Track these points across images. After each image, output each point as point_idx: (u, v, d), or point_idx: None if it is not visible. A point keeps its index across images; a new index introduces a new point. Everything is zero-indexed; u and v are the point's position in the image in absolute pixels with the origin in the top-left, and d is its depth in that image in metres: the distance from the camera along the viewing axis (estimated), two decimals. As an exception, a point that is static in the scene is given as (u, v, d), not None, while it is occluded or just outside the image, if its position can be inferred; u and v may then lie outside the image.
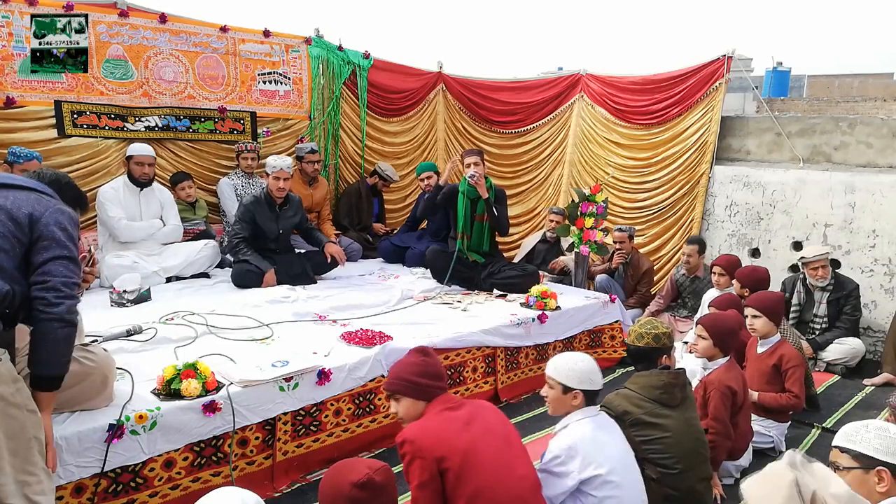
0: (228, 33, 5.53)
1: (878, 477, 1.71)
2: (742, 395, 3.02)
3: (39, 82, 4.65)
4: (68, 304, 2.04)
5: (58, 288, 2.03)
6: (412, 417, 2.21)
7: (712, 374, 3.02)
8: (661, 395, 2.59)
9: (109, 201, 4.59)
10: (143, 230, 4.73)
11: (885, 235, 4.95)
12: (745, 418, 3.10)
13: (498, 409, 2.34)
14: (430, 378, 2.20)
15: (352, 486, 1.65)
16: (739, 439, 3.03)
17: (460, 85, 7.00)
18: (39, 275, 2.03)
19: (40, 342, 2.02)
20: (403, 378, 2.21)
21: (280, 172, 4.73)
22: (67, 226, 2.11)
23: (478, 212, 4.85)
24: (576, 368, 2.37)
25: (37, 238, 2.04)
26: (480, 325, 3.97)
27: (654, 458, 2.52)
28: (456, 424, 2.10)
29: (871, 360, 4.83)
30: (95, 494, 2.41)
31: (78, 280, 2.13)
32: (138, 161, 4.67)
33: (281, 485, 2.93)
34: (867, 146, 5.23)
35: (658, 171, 5.92)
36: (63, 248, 2.06)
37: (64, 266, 2.06)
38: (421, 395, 2.19)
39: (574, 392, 2.36)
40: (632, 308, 5.55)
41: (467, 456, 2.02)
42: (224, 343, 3.42)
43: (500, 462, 2.07)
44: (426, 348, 2.32)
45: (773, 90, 16.76)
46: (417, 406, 2.20)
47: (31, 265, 2.05)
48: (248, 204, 4.77)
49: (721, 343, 3.05)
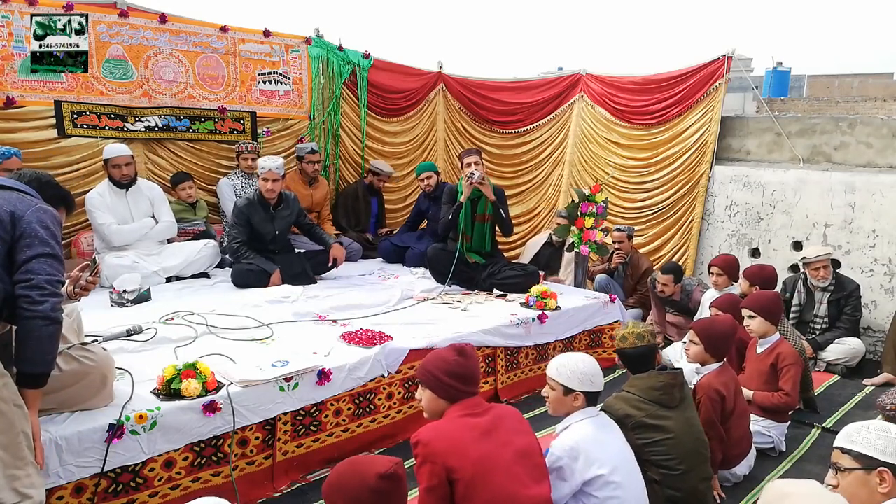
0: (228, 33, 5.53)
1: (879, 478, 1.71)
2: (732, 400, 2.96)
3: (39, 82, 4.65)
4: (52, 301, 2.05)
5: (41, 286, 2.03)
6: (433, 413, 2.18)
7: (703, 379, 3.01)
8: (661, 396, 2.58)
9: (97, 208, 4.53)
10: (135, 232, 4.69)
11: (885, 235, 4.95)
12: (738, 425, 3.01)
13: (523, 418, 2.28)
14: (457, 379, 2.14)
15: (378, 478, 1.64)
16: (732, 446, 2.96)
17: (460, 85, 7.00)
18: (23, 273, 2.03)
19: (25, 340, 2.03)
20: (431, 371, 2.17)
21: (268, 173, 4.67)
22: (49, 224, 2.11)
23: (478, 212, 4.84)
24: (577, 370, 2.36)
25: (19, 236, 2.04)
26: (480, 325, 3.96)
27: (657, 460, 2.52)
28: (473, 433, 2.05)
29: (871, 360, 4.83)
30: (95, 494, 2.41)
31: (62, 277, 2.13)
32: (115, 163, 4.58)
33: (281, 485, 2.93)
34: (867, 146, 5.23)
35: (658, 171, 5.92)
36: (46, 245, 2.07)
37: (47, 264, 2.06)
38: (444, 393, 2.15)
39: (575, 394, 2.35)
40: (632, 308, 5.55)
41: (479, 468, 1.98)
42: (224, 343, 3.42)
43: (512, 478, 2.03)
44: (465, 347, 2.23)
45: (773, 90, 16.76)
46: (439, 404, 2.16)
47: (14, 263, 2.05)
48: (242, 206, 4.73)
49: (713, 349, 3.02)
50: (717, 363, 3.04)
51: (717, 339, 3.02)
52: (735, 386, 3.05)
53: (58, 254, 2.11)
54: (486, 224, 4.87)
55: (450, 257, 4.82)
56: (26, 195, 2.16)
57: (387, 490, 1.66)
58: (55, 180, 2.44)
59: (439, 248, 4.99)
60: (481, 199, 4.81)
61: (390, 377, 3.40)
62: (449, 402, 2.15)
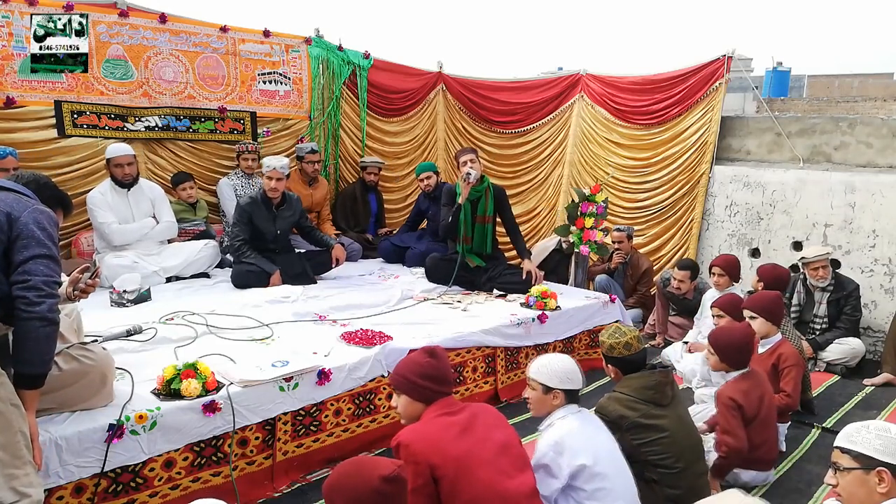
0: (228, 33, 5.53)
1: (878, 477, 1.71)
2: (754, 407, 2.90)
3: (39, 82, 4.65)
4: (49, 302, 2.05)
5: (39, 287, 2.03)
6: (409, 417, 2.21)
7: (722, 387, 3.00)
8: (654, 395, 2.59)
9: (98, 207, 4.55)
10: (136, 231, 4.70)
11: (885, 235, 4.95)
12: (758, 433, 2.92)
13: (499, 412, 2.34)
14: (431, 381, 2.18)
15: (381, 480, 1.64)
16: (752, 450, 2.89)
17: (460, 85, 7.00)
18: (20, 274, 2.03)
19: (22, 341, 2.03)
20: (404, 375, 2.21)
21: (273, 172, 4.68)
22: (46, 225, 2.11)
23: (479, 213, 4.82)
24: (556, 369, 2.41)
25: (16, 237, 2.04)
26: (480, 325, 3.96)
27: (654, 460, 2.53)
28: (452, 431, 2.09)
29: (871, 360, 4.83)
30: (95, 494, 2.41)
31: (59, 279, 2.13)
32: (117, 163, 4.60)
33: (281, 485, 2.93)
34: (867, 146, 5.23)
35: (658, 171, 5.93)
36: (42, 246, 2.07)
37: (44, 265, 2.06)
38: (419, 396, 2.19)
39: (555, 392, 2.39)
40: (632, 308, 5.55)
41: (461, 465, 2.01)
42: (224, 343, 3.42)
43: (495, 471, 2.06)
44: (436, 349, 2.28)
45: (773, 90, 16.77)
46: (415, 407, 2.20)
47: (11, 264, 2.06)
48: (245, 205, 4.74)
49: (727, 358, 3.00)
50: (738, 371, 3.00)
51: (728, 349, 2.99)
52: (760, 393, 2.96)
53: (54, 255, 2.12)
54: (486, 225, 4.83)
55: (449, 265, 4.82)
56: (23, 196, 2.16)
57: (389, 493, 1.65)
58: (53, 182, 2.44)
59: (438, 258, 4.95)
60: (481, 201, 4.79)
61: (390, 377, 3.40)
62: (425, 403, 2.18)
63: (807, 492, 2.99)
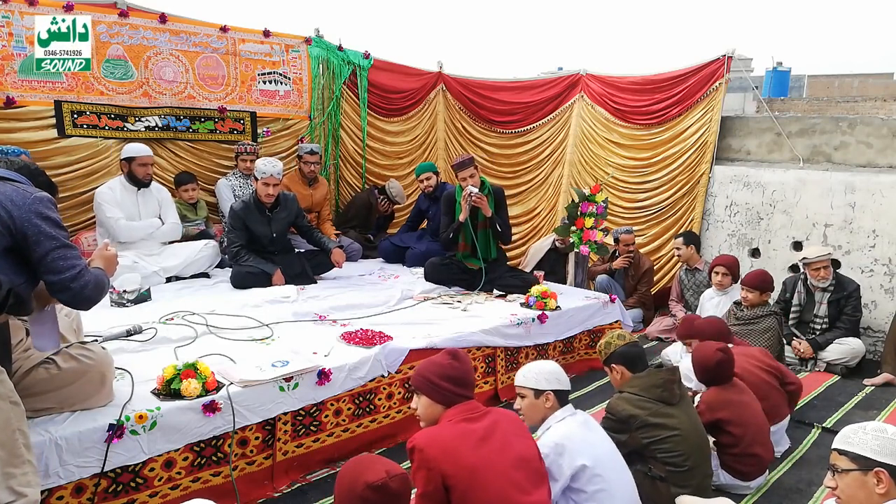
0: (228, 33, 5.53)
1: (876, 478, 1.71)
2: (728, 422, 2.86)
3: (39, 82, 4.65)
4: (81, 282, 2.10)
5: (67, 287, 2.07)
6: (428, 419, 2.18)
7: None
8: (662, 394, 2.60)
9: (107, 202, 4.59)
10: (142, 229, 4.73)
11: (885, 235, 4.95)
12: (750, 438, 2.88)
13: (522, 421, 2.30)
14: (452, 383, 2.15)
15: (365, 487, 1.63)
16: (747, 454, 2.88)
17: (460, 85, 7.01)
18: (45, 273, 2.06)
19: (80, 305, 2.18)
20: (425, 376, 2.18)
21: (269, 178, 4.61)
22: (49, 213, 2.08)
23: (479, 219, 4.73)
24: (543, 371, 2.41)
25: (22, 233, 2.02)
26: (480, 325, 3.96)
27: (663, 458, 2.53)
28: (470, 439, 2.04)
29: (871, 360, 4.83)
30: (95, 494, 2.41)
31: (78, 261, 2.13)
32: (142, 162, 4.67)
33: (281, 485, 2.93)
34: (867, 146, 5.23)
35: (658, 171, 5.93)
36: (52, 239, 2.05)
37: (61, 258, 2.06)
38: (439, 398, 2.16)
39: (546, 394, 2.38)
40: (632, 308, 5.56)
41: (475, 475, 1.97)
42: (224, 343, 3.42)
43: (509, 484, 2.01)
44: (458, 352, 2.26)
45: (773, 90, 16.75)
46: (435, 409, 2.17)
47: (29, 263, 2.05)
48: (238, 210, 4.70)
49: (699, 375, 3.00)
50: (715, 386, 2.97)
51: (697, 368, 2.99)
52: (739, 410, 2.89)
53: (66, 242, 2.10)
54: (489, 230, 4.75)
55: (446, 270, 4.80)
56: (19, 184, 2.11)
57: (374, 501, 1.64)
58: (41, 168, 2.43)
59: (437, 263, 4.90)
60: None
61: (390, 377, 3.40)
62: (445, 406, 2.16)
63: (807, 492, 2.99)
